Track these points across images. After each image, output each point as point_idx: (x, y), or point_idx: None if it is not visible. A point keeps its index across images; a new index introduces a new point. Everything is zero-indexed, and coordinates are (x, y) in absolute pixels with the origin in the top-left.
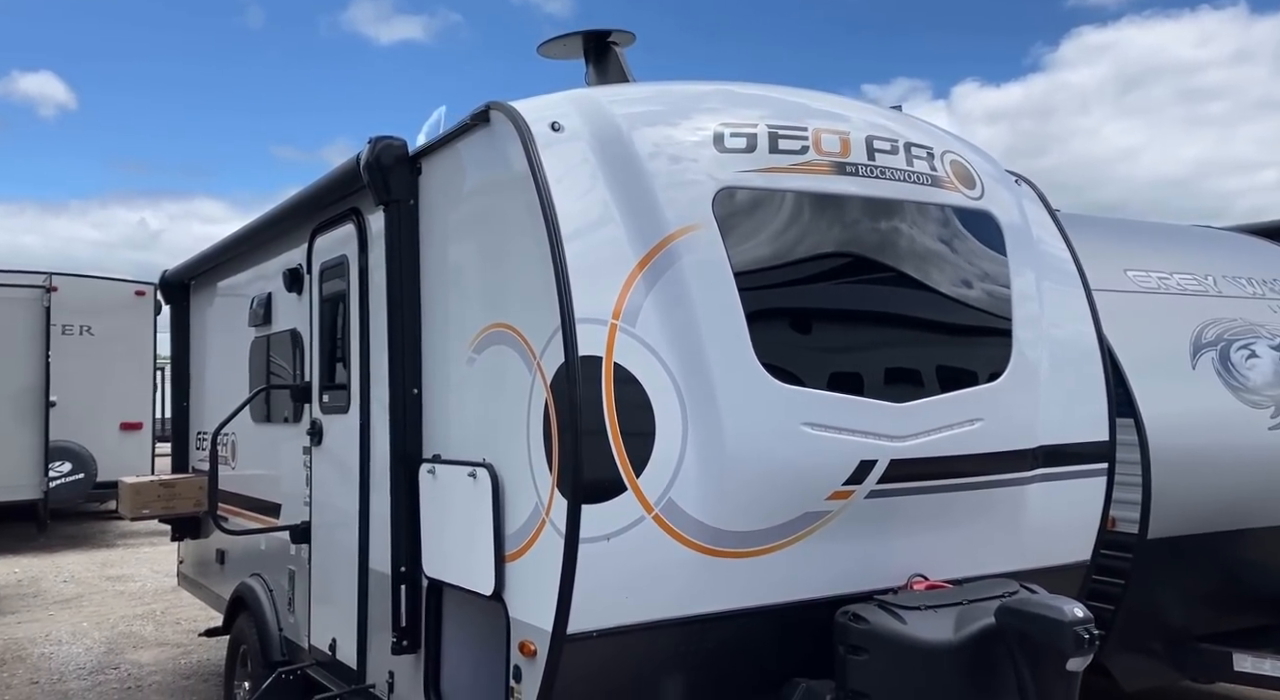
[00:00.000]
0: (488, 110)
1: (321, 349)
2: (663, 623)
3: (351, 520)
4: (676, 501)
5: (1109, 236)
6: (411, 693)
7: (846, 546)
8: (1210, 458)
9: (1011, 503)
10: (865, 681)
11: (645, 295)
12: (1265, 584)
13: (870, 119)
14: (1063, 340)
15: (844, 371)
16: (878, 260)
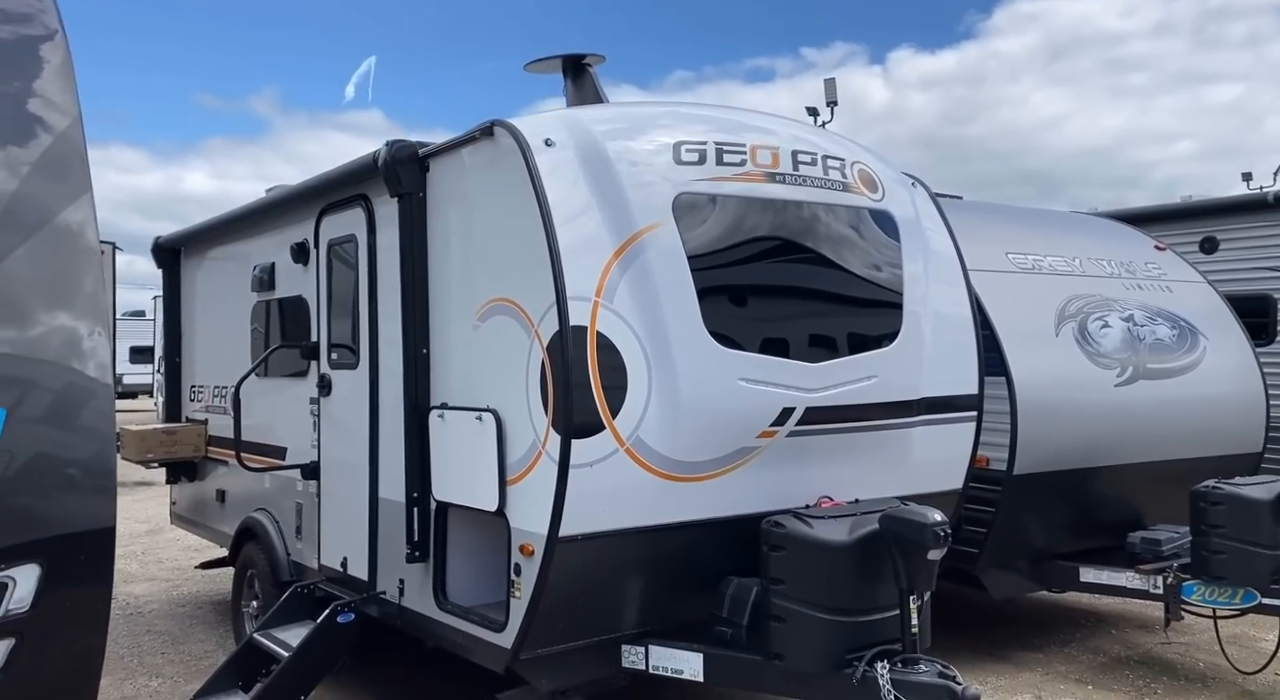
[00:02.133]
0: (492, 126)
1: (330, 313)
2: (631, 530)
3: (362, 458)
4: (643, 438)
5: (997, 223)
6: (420, 594)
7: (771, 474)
8: (1067, 409)
9: (900, 442)
10: (782, 571)
11: (620, 278)
12: (1108, 512)
13: (796, 134)
14: (943, 313)
15: (772, 337)
16: (800, 250)
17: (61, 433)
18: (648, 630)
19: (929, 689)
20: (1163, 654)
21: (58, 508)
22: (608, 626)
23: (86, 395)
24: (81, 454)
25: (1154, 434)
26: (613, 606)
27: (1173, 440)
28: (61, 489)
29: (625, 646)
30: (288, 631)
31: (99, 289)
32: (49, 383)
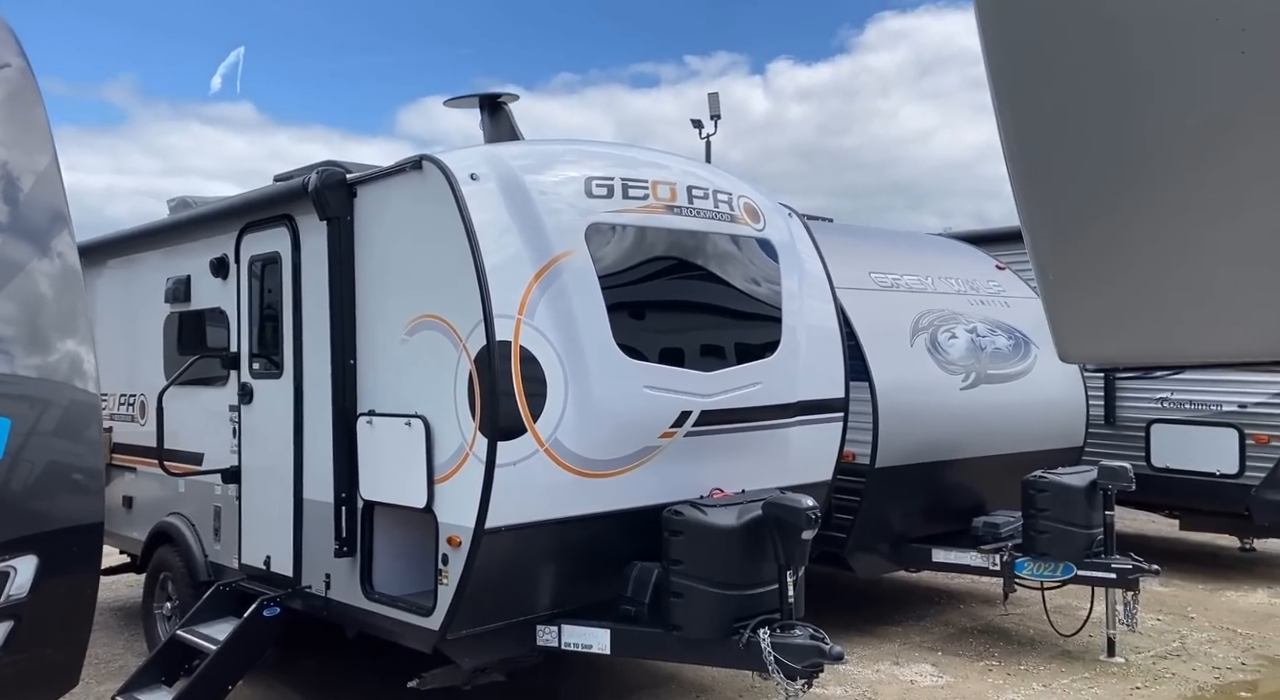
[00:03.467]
0: (421, 160)
1: (250, 325)
2: (548, 521)
3: (286, 462)
4: (560, 439)
5: (862, 245)
6: (348, 586)
7: (671, 469)
8: (920, 410)
9: (779, 440)
10: (681, 554)
11: (540, 297)
12: (956, 499)
13: (690, 170)
14: (815, 325)
15: (671, 349)
16: (694, 272)
17: (57, 440)
18: (561, 611)
19: (802, 649)
20: (1001, 623)
21: (54, 506)
22: (525, 608)
23: (79, 406)
24: (75, 458)
25: (993, 431)
26: (530, 590)
27: (1009, 436)
28: (57, 489)
29: (540, 626)
30: (211, 627)
31: (84, 311)
32: (48, 396)
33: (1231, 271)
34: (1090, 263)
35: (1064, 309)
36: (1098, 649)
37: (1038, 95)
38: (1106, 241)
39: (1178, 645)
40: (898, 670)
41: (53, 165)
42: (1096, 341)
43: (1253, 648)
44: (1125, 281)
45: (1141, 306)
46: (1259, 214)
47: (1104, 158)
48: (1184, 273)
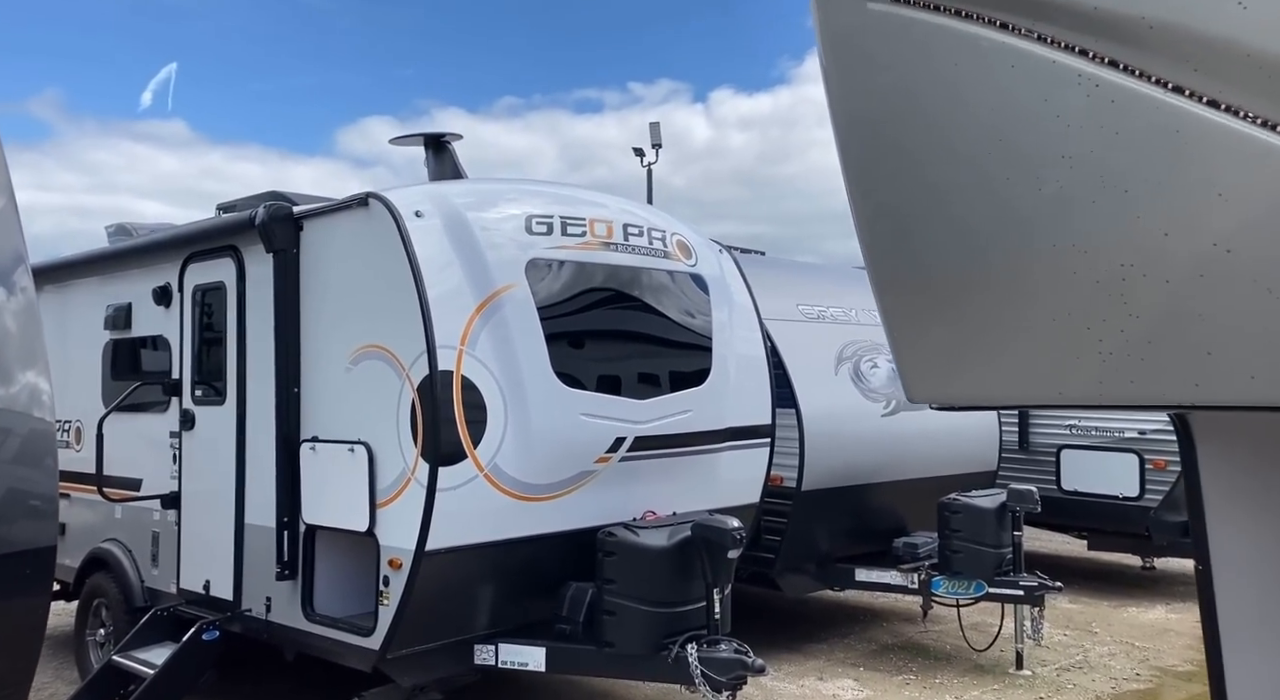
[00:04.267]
0: (367, 198)
1: (194, 352)
2: (487, 544)
3: (228, 487)
4: (499, 465)
5: (791, 278)
6: (289, 609)
7: (606, 493)
8: (844, 436)
9: (710, 464)
10: (614, 573)
11: (482, 329)
12: (878, 521)
13: (626, 208)
14: (743, 355)
15: (607, 377)
16: (629, 305)
17: (16, 467)
18: (498, 630)
19: (726, 662)
20: (921, 640)
21: (10, 530)
22: (464, 628)
23: (37, 435)
24: (32, 485)
25: (912, 456)
26: (469, 610)
27: (927, 461)
28: (14, 514)
29: (478, 645)
30: (149, 652)
31: (42, 343)
32: (8, 425)
33: (1039, 334)
34: (926, 323)
35: (907, 358)
36: (1008, 662)
37: (882, 194)
38: (937, 305)
39: (1081, 658)
40: (821, 685)
41: (10, 203)
42: (936, 386)
43: (1148, 660)
44: (955, 338)
45: (970, 358)
46: (1059, 291)
47: (936, 239)
48: (1003, 331)
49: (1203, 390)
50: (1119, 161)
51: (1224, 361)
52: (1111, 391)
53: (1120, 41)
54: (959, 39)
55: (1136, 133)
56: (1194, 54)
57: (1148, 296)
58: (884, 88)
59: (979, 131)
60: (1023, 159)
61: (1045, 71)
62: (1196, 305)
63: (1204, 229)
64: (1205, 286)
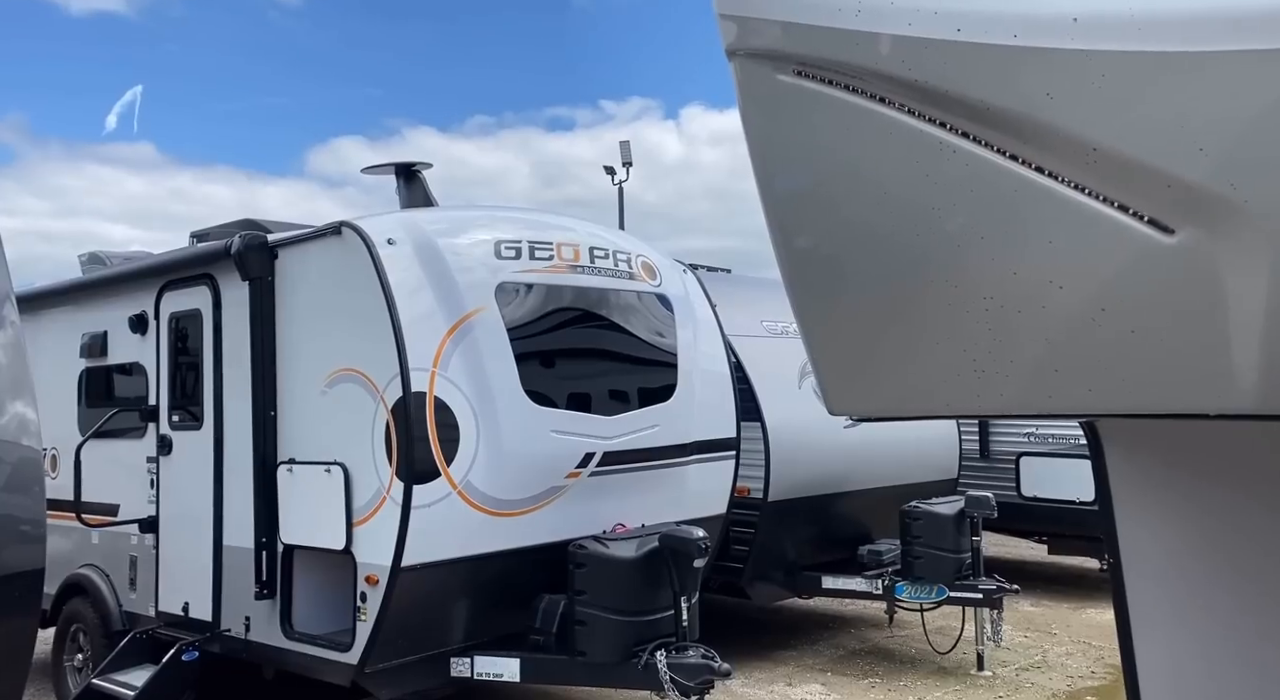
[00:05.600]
0: (340, 227)
1: (171, 379)
2: (461, 559)
3: (205, 510)
4: (472, 481)
5: (755, 295)
6: (268, 627)
7: (576, 507)
8: (808, 448)
9: (677, 477)
10: (585, 584)
11: (453, 351)
12: (843, 529)
13: (592, 231)
14: (708, 371)
15: (576, 394)
16: (597, 325)
17: (5, 494)
18: (473, 643)
19: (694, 668)
20: (886, 645)
21: (1, 554)
22: (440, 641)
23: (26, 463)
24: (22, 510)
25: (875, 465)
26: (444, 624)
27: (890, 470)
28: (4, 539)
29: (454, 658)
30: (129, 674)
31: (29, 372)
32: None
33: (931, 355)
34: (841, 347)
35: (827, 376)
36: (969, 664)
37: (798, 234)
38: (850, 331)
39: (1039, 658)
40: (790, 690)
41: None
42: (854, 401)
43: (1104, 658)
44: (866, 358)
45: (879, 376)
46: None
47: (845, 275)
48: (904, 353)
49: (1055, 402)
50: (975, 214)
51: (1067, 376)
52: (987, 403)
53: (968, 117)
54: (848, 109)
55: (986, 191)
56: (1021, 130)
57: (1007, 324)
58: (791, 145)
59: (867, 186)
60: (902, 210)
61: (916, 139)
62: (1042, 331)
63: (1039, 270)
64: (1046, 316)
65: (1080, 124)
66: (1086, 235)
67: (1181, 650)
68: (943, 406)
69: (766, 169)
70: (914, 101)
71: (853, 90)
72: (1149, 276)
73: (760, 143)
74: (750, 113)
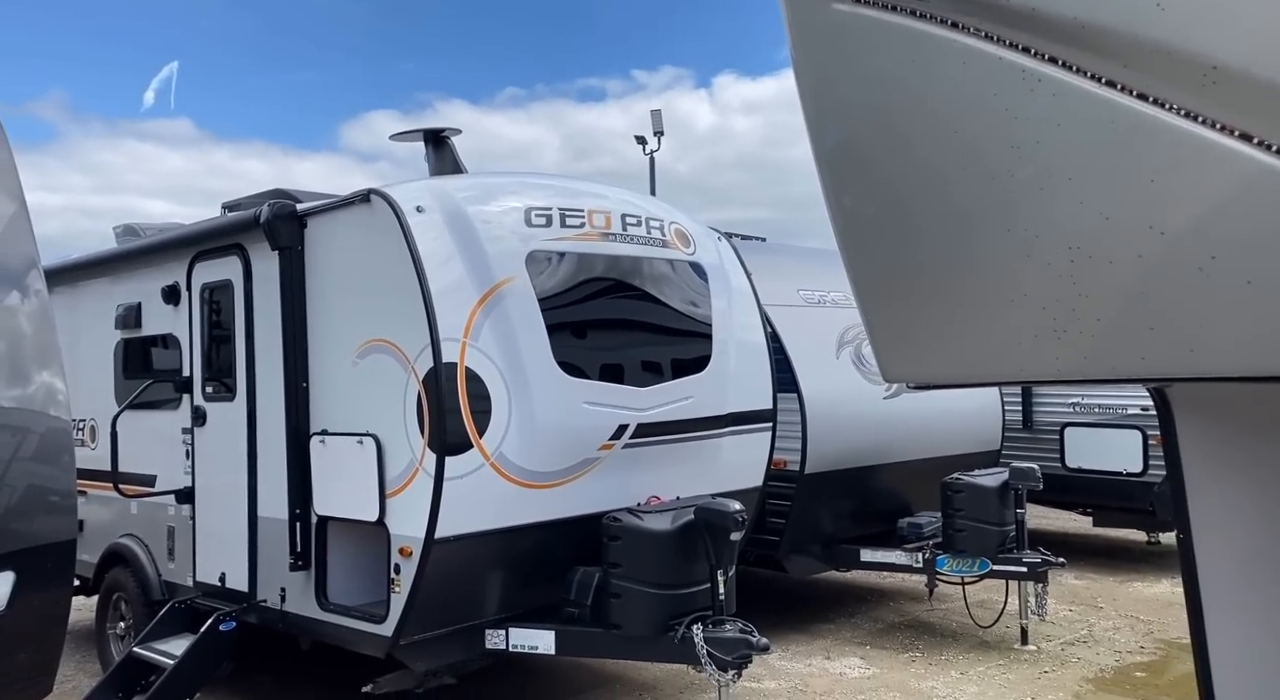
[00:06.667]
0: (369, 194)
1: (203, 350)
2: (495, 531)
3: (240, 481)
4: (505, 453)
5: (791, 263)
6: (303, 599)
7: (610, 479)
8: (846, 419)
9: (712, 449)
10: (619, 557)
11: (484, 321)
12: (882, 502)
13: (624, 198)
14: (743, 341)
15: (608, 366)
16: (629, 294)
17: (35, 464)
18: (508, 615)
19: (731, 642)
20: (927, 618)
21: (31, 525)
22: (474, 613)
23: (54, 433)
24: (50, 481)
25: (915, 437)
26: (478, 596)
27: (930, 442)
28: (34, 510)
29: (488, 630)
30: (168, 643)
31: (57, 344)
32: (25, 424)
33: (1001, 315)
34: (898, 307)
35: (881, 340)
36: (1013, 638)
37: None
38: (908, 290)
39: (1085, 632)
40: (828, 664)
41: (22, 209)
42: (910, 367)
43: (1152, 633)
44: (925, 320)
45: (939, 340)
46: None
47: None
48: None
49: (1148, 364)
50: (1063, 152)
51: (1164, 336)
52: (1067, 367)
53: (1058, 40)
54: (915, 37)
55: (1076, 124)
56: (1122, 51)
57: (1094, 277)
58: (848, 83)
59: (936, 125)
60: (975, 150)
61: (993, 68)
62: (1137, 285)
63: (1138, 213)
64: (1143, 267)
65: (1198, 39)
66: (1198, 171)
67: (1255, 625)
68: (1014, 371)
69: (818, 112)
70: (992, 24)
71: (918, 15)
72: (1272, 217)
73: (811, 83)
74: (801, 49)
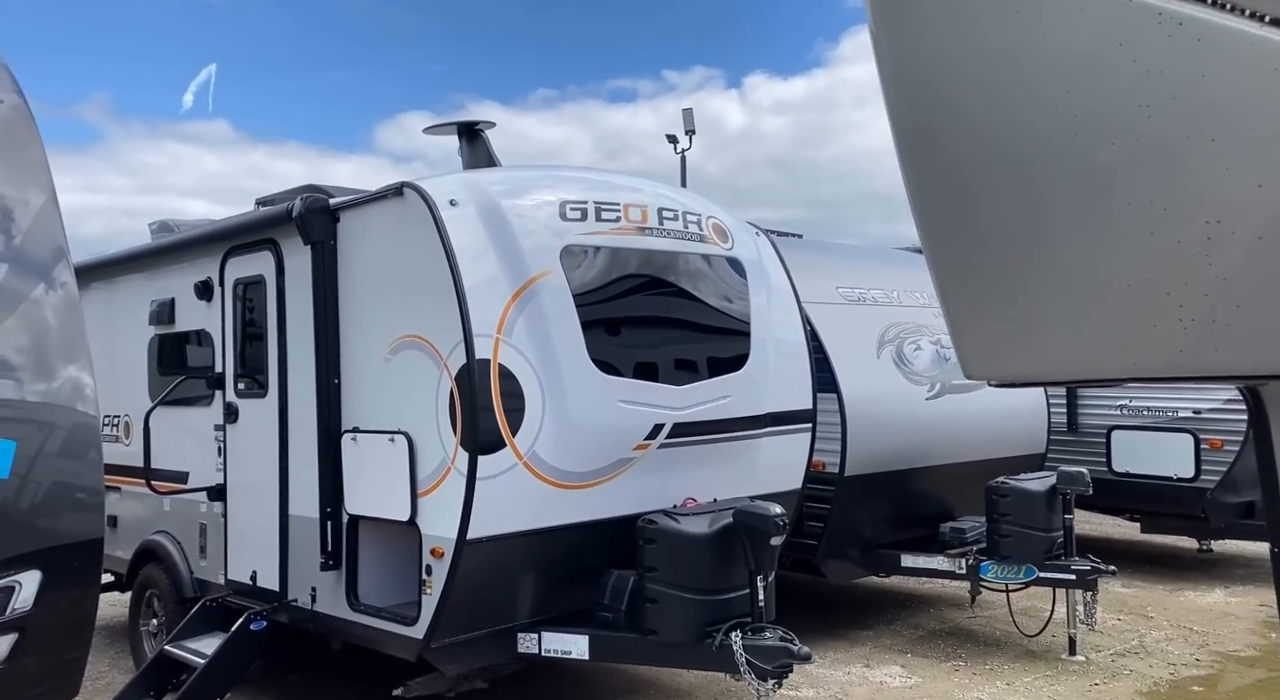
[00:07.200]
0: (402, 188)
1: (235, 346)
2: (528, 532)
3: (271, 479)
4: (538, 452)
5: (829, 260)
6: (334, 599)
7: (645, 480)
8: (887, 420)
9: (750, 450)
10: (655, 560)
11: (518, 316)
12: (923, 506)
13: (661, 192)
14: (782, 339)
15: (644, 364)
16: (666, 290)
17: (61, 461)
18: (540, 618)
19: (772, 650)
20: (969, 626)
21: (57, 523)
22: (506, 616)
23: (81, 428)
24: (77, 478)
25: (958, 439)
26: (511, 598)
27: (973, 444)
28: (61, 507)
29: (521, 633)
30: (199, 642)
31: (84, 337)
32: (52, 419)
33: (1112, 302)
34: (986, 295)
35: (965, 333)
36: (1060, 648)
37: (937, 159)
38: (998, 275)
39: (1136, 643)
40: (868, 672)
41: (51, 200)
42: (996, 362)
43: (1207, 645)
44: (1017, 309)
45: (1033, 331)
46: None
47: (997, 203)
48: (1071, 300)
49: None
50: (1205, 107)
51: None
52: (1193, 361)
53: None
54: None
55: (1227, 74)
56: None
57: (1237, 256)
58: (938, 46)
59: (1045, 81)
60: (1095, 111)
61: (1120, 12)
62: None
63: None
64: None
65: None
66: None
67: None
68: (1126, 367)
69: (899, 80)
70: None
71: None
72: None
73: (892, 49)
74: (880, 14)
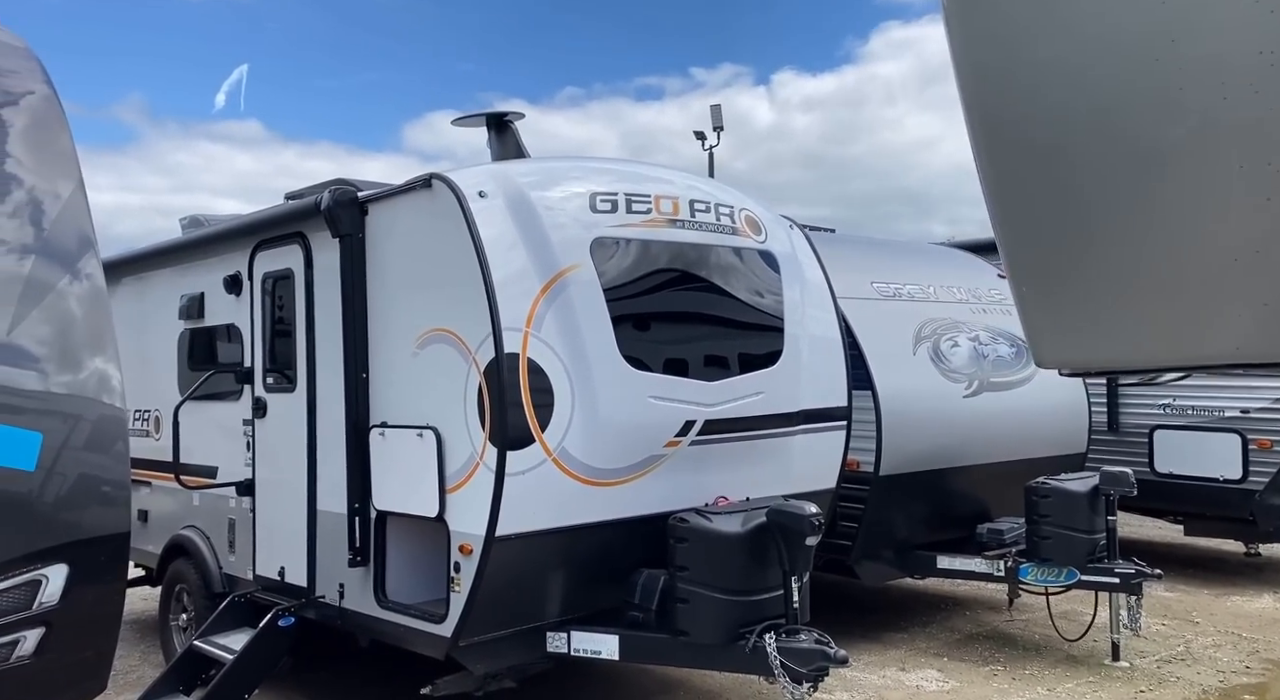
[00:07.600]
0: (430, 179)
1: (264, 340)
2: (557, 529)
3: (300, 474)
4: (567, 449)
5: (863, 255)
6: (361, 595)
7: (676, 477)
8: (924, 418)
9: (783, 448)
10: (687, 559)
11: (547, 310)
12: (960, 506)
13: (693, 184)
14: (817, 335)
15: (675, 359)
16: (697, 284)
17: (87, 453)
18: (570, 617)
19: (807, 653)
20: (1007, 629)
21: (83, 516)
22: (535, 615)
23: (107, 421)
24: (103, 471)
25: (997, 438)
26: (540, 597)
27: (1012, 444)
28: (87, 501)
29: (550, 632)
30: (228, 637)
31: (111, 329)
32: (78, 411)
33: (1194, 284)
34: (1059, 278)
35: (1036, 319)
36: (1102, 653)
37: (1013, 132)
38: (1071, 263)
39: (1182, 649)
40: (904, 676)
41: (79, 190)
42: (1067, 349)
43: (1258, 651)
44: (1092, 292)
45: (1108, 316)
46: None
47: (1078, 176)
48: (1151, 283)
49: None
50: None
51: None
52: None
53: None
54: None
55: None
56: None
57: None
58: (1017, 11)
59: (1142, 36)
60: (1202, 62)
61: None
62: None
63: None
64: None
65: None
66: None
67: None
68: (1227, 352)
69: (975, 58)
70: None
71: None
72: None
73: (966, 24)
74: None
